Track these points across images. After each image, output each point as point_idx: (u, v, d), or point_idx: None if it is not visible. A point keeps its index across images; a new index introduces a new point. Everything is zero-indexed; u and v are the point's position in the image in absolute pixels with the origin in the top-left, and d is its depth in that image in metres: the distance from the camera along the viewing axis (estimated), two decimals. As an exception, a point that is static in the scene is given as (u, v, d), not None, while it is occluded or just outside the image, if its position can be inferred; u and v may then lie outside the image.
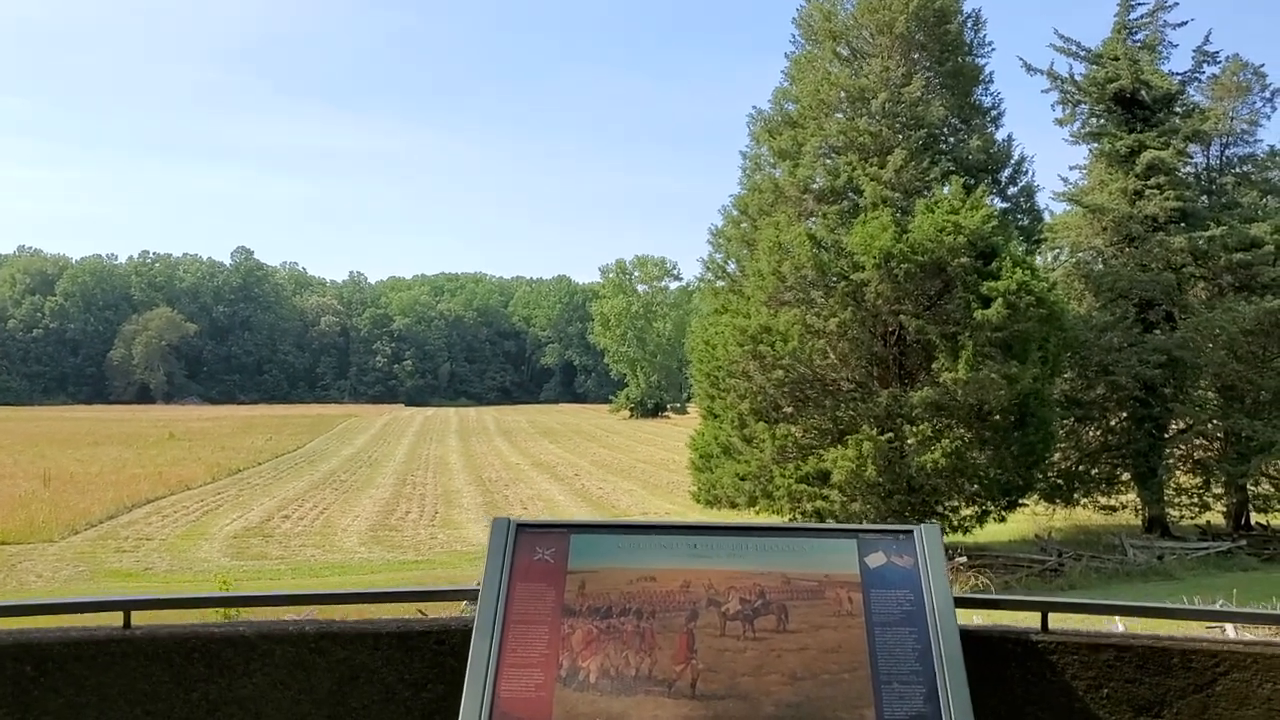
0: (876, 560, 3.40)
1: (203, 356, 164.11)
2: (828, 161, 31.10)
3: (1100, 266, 37.04)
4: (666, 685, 3.13)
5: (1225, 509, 36.75)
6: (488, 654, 3.17)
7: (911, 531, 3.48)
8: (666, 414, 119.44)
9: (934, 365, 29.00)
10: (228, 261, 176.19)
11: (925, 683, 3.11)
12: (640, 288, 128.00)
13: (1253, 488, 35.93)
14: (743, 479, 29.71)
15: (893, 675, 3.13)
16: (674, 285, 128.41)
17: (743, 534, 3.50)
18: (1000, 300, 27.58)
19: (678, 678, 3.15)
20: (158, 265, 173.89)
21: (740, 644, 3.21)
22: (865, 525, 3.54)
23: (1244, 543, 33.96)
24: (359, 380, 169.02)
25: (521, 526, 3.51)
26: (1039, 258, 34.15)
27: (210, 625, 3.44)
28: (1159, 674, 3.29)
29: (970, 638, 3.25)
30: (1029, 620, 3.50)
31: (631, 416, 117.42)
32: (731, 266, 33.16)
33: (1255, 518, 36.82)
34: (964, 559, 29.03)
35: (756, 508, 30.07)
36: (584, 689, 3.13)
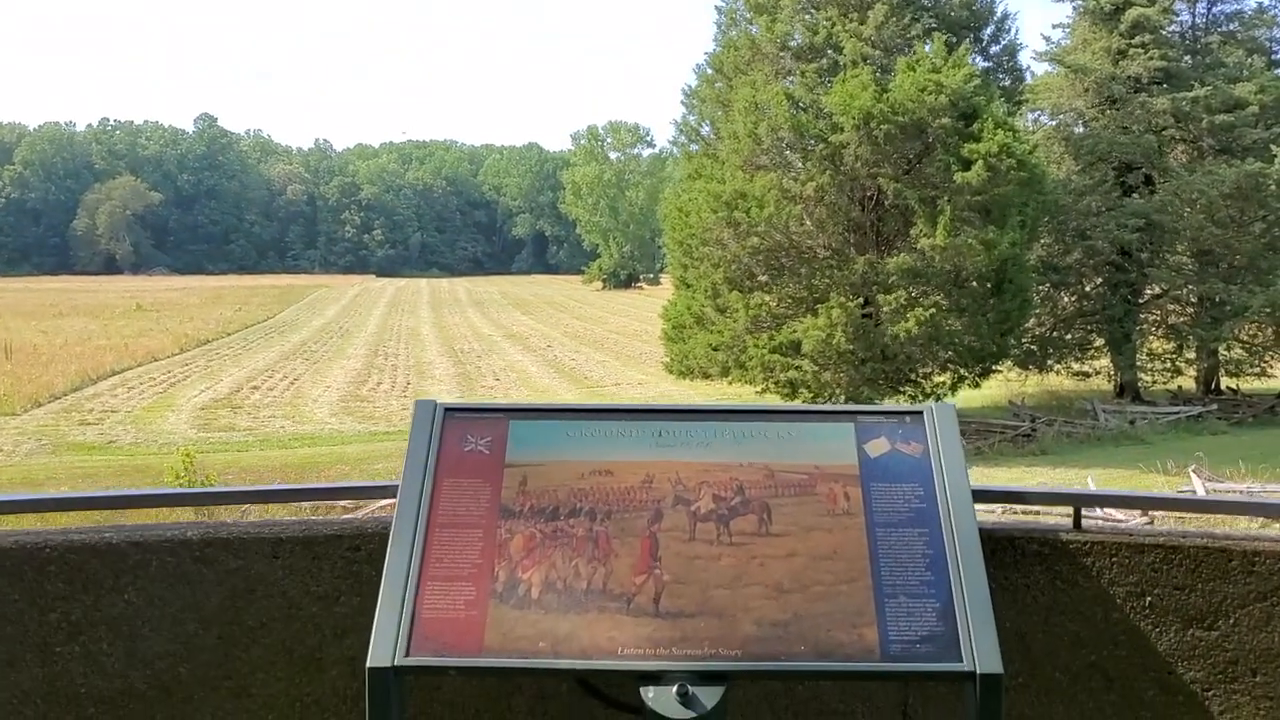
0: (878, 448, 2.82)
1: (169, 226, 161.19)
2: (806, 17, 29.88)
3: (1081, 129, 36.34)
4: (624, 600, 2.57)
5: (1196, 374, 36.95)
6: (407, 564, 2.60)
7: (921, 413, 2.89)
8: (639, 285, 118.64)
9: (912, 231, 28.40)
10: (190, 129, 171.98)
11: (938, 595, 2.56)
12: (613, 155, 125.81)
13: (1224, 353, 36.07)
14: (715, 349, 29.28)
15: (898, 587, 2.58)
16: (647, 153, 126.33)
17: (717, 418, 2.91)
18: (981, 163, 26.86)
19: (638, 591, 2.59)
20: (118, 133, 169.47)
21: (714, 550, 2.65)
22: (864, 406, 2.98)
23: (1214, 407, 34.20)
24: (328, 250, 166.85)
25: (450, 410, 2.90)
26: (1020, 120, 33.29)
27: (71, 531, 2.84)
28: (1214, 579, 2.76)
29: (987, 539, 2.69)
30: (1057, 516, 2.95)
31: (604, 288, 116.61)
32: (706, 129, 32.13)
33: (1225, 382, 37.05)
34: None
35: (729, 378, 29.73)
36: (524, 605, 2.56)
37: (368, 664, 2.46)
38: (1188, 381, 36.78)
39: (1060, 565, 2.85)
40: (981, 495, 2.79)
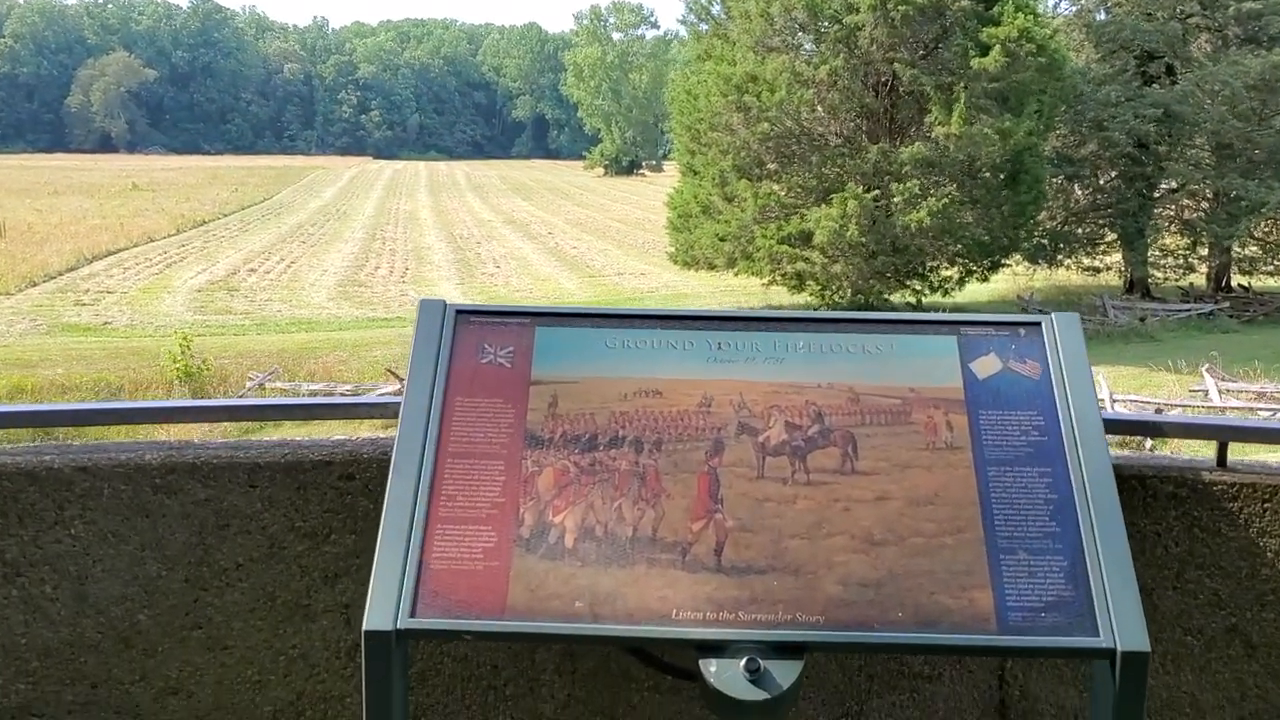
0: (987, 367, 2.31)
1: (164, 104, 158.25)
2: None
3: (1103, 15, 35.12)
4: (679, 552, 2.09)
5: (1208, 271, 36.37)
6: (411, 503, 2.11)
7: (1038, 324, 2.37)
8: (642, 171, 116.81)
9: (926, 119, 27.53)
10: (184, 3, 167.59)
11: (1065, 550, 2.08)
12: (616, 36, 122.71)
13: (1238, 249, 35.46)
14: (722, 239, 28.63)
15: (1016, 540, 2.10)
16: (651, 34, 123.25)
17: (789, 328, 2.38)
18: (999, 48, 25.91)
19: (695, 540, 2.10)
20: (111, 6, 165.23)
21: (788, 491, 2.16)
22: (970, 315, 2.45)
23: (1226, 305, 33.70)
24: (325, 131, 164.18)
25: (463, 313, 2.38)
26: (1040, 4, 32.07)
27: (5, 453, 2.34)
28: None
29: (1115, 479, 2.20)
30: (1197, 451, 2.47)
31: (606, 173, 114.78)
32: (717, 8, 30.91)
33: (1237, 280, 36.47)
34: (939, 313, 28.38)
35: (735, 269, 29.14)
36: (555, 556, 2.08)
37: (364, 626, 1.99)
38: (1199, 278, 36.22)
39: (1199, 510, 2.36)
40: (1111, 426, 2.29)
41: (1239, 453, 2.42)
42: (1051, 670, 2.44)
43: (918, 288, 29.65)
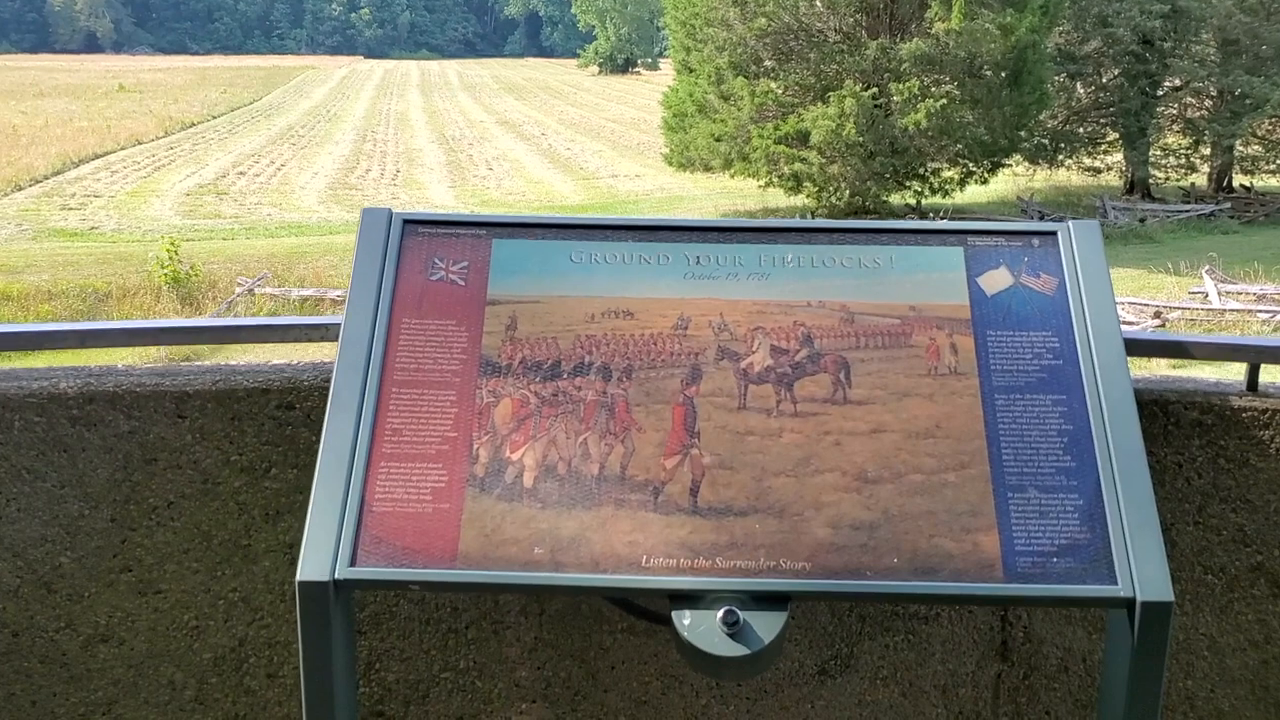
0: (997, 281, 2.07)
1: (150, 2, 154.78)
2: None
3: (1111, -95, 34.07)
4: (650, 492, 1.87)
5: (1210, 171, 35.90)
6: (351, 438, 1.88)
7: (1054, 233, 2.13)
8: (637, 70, 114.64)
9: (927, 14, 26.79)
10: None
11: (1081, 488, 1.86)
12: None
13: (1241, 148, 34.98)
14: (718, 140, 28.09)
15: (1026, 476, 1.88)
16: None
17: (775, 239, 2.13)
18: (1005, -62, 25.06)
19: (669, 479, 1.88)
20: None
21: (772, 423, 1.93)
22: (977, 223, 2.21)
23: (1227, 205, 33.29)
24: (315, 30, 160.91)
25: (411, 223, 2.13)
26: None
27: (-100, 383, 2.11)
28: None
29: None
30: (1223, 373, 2.25)
31: (600, 72, 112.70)
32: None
33: (1239, 180, 36.01)
34: (944, 222, 28.04)
35: (732, 171, 28.66)
36: (512, 497, 1.87)
37: (298, 576, 1.78)
38: (1200, 179, 35.76)
39: (1226, 439, 2.15)
40: (1132, 347, 2.06)
41: (1273, 376, 2.19)
42: (1059, 610, 2.25)
43: (917, 189, 29.19)
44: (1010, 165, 31.95)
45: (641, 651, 2.29)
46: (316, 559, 1.79)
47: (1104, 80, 35.10)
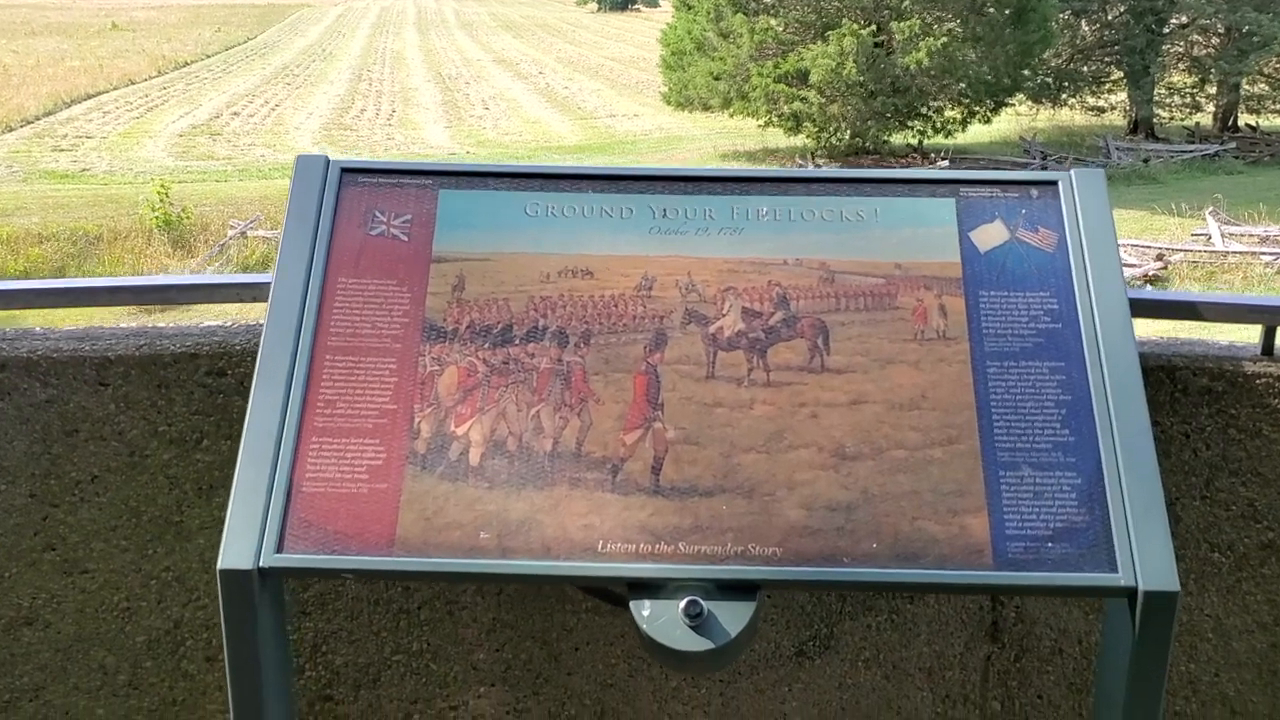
0: (992, 236, 1.89)
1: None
2: None
3: None
4: (608, 470, 1.71)
5: (1215, 110, 35.39)
6: (280, 411, 1.71)
7: (1055, 183, 1.94)
8: (637, 7, 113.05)
9: (930, -51, 26.25)
10: None
11: (1080, 466, 1.69)
12: None
13: (1247, 87, 34.41)
14: (717, 79, 27.62)
15: (1020, 453, 1.71)
16: None
17: (747, 189, 1.94)
18: None
19: (628, 455, 1.72)
20: None
21: (743, 394, 1.76)
22: (970, 172, 2.02)
23: (1232, 145, 32.87)
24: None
25: (350, 171, 1.94)
26: None
27: None
28: None
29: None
30: (1234, 335, 2.07)
31: (599, 10, 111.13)
32: None
33: (1244, 119, 35.51)
34: (945, 163, 27.74)
35: (731, 110, 28.22)
36: (457, 476, 1.70)
37: (219, 563, 1.62)
38: (1206, 119, 35.27)
39: (1237, 408, 1.98)
40: (1138, 307, 1.88)
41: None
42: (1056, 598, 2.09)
43: (919, 129, 28.76)
44: (1013, 105, 31.48)
45: (607, 632, 2.15)
46: (239, 545, 1.64)
47: (1109, 17, 34.51)
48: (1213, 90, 34.63)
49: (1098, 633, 2.10)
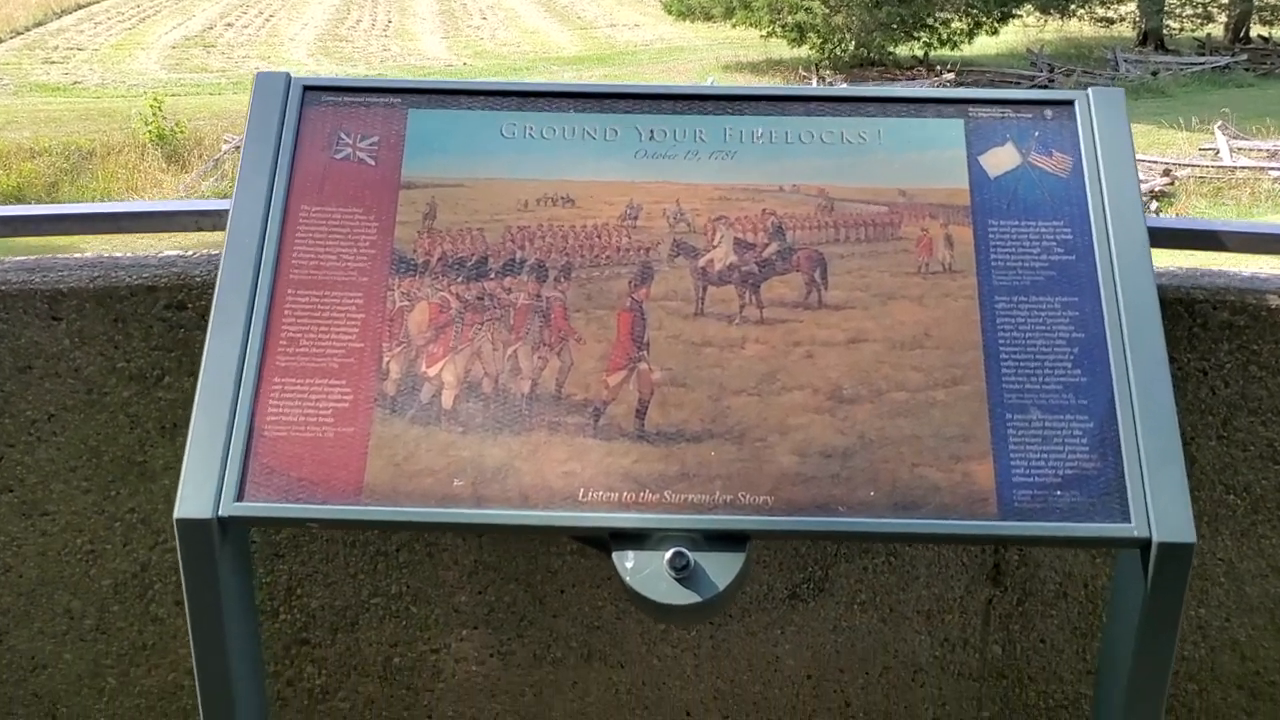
0: (1002, 160, 1.76)
1: None
2: None
3: None
4: (590, 413, 1.60)
5: (1227, 21, 34.73)
6: (239, 349, 1.61)
7: (1071, 103, 1.80)
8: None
9: None
10: None
11: (1091, 409, 1.59)
12: None
13: (1260, -3, 33.73)
14: (719, -14, 27.02)
15: (1029, 395, 1.61)
16: None
17: (745, 109, 1.81)
18: None
19: (611, 398, 1.61)
20: None
21: (734, 332, 1.65)
22: (980, 91, 1.89)
23: (1243, 57, 32.28)
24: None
25: (313, 90, 1.80)
26: None
27: None
28: None
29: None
30: (1251, 263, 1.95)
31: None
32: None
33: (1256, 31, 34.86)
34: (950, 75, 27.28)
35: (733, 20, 27.68)
36: (429, 420, 1.60)
37: (175, 512, 1.53)
38: (1217, 30, 34.63)
39: (1260, 343, 1.87)
40: (1157, 237, 1.76)
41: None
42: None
43: (925, 40, 28.24)
44: (1020, 16, 30.90)
45: (593, 574, 2.06)
46: (197, 493, 1.54)
47: (1122, -78, 33.75)
48: (1225, 0, 33.95)
49: (1105, 576, 2.02)
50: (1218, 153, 20.60)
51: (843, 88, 1.78)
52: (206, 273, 1.89)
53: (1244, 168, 19.29)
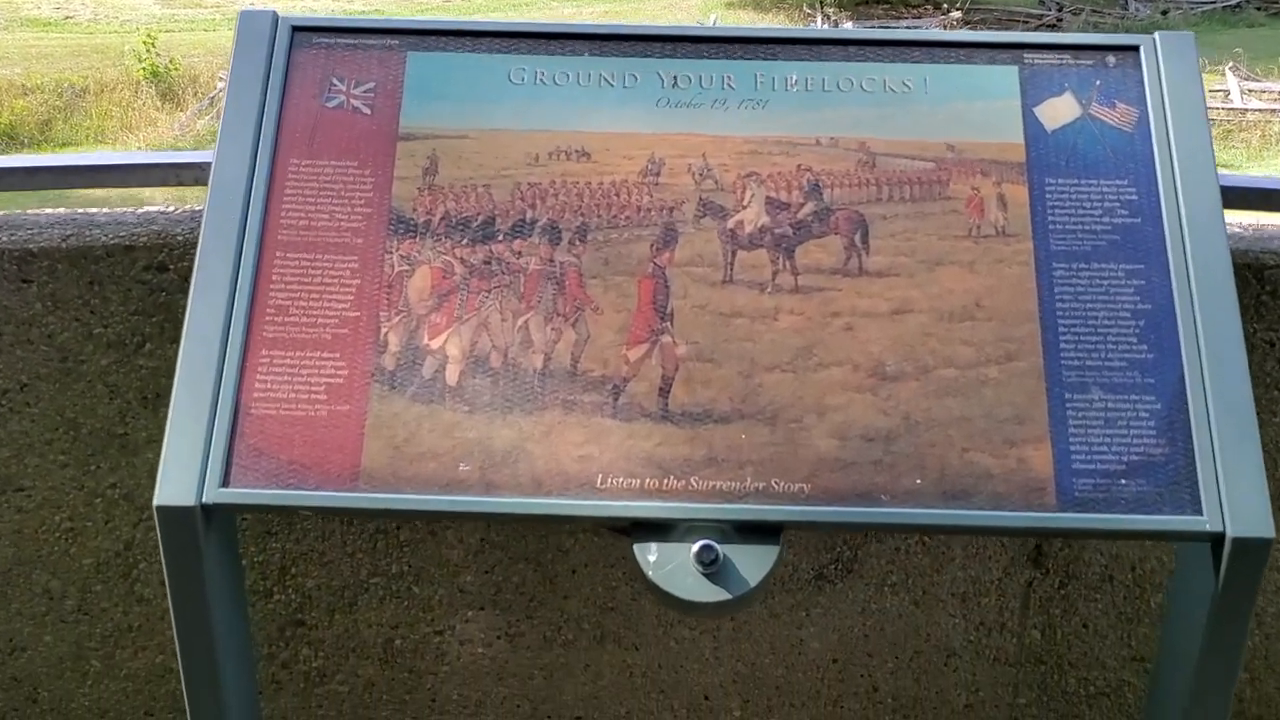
0: (1061, 112, 1.60)
1: None
2: None
3: None
4: (609, 391, 1.46)
5: (1240, -41, 34.05)
6: (223, 320, 1.46)
7: (1136, 48, 1.64)
8: None
9: None
10: None
11: (1159, 387, 1.45)
12: None
13: (1275, -66, 33.00)
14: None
15: (1090, 371, 1.46)
16: None
17: (778, 53, 1.64)
18: None
19: (632, 374, 1.47)
20: None
21: (767, 301, 1.50)
22: (1038, 36, 1.74)
23: (1256, -5, 31.72)
24: None
25: (302, 30, 1.64)
26: None
27: None
28: None
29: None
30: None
31: None
32: None
33: (1269, -31, 34.20)
34: (958, 14, 26.85)
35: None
36: (432, 397, 1.46)
37: (155, 499, 1.39)
38: (1230, -34, 33.97)
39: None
40: (1230, 197, 1.60)
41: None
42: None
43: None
44: (1029, -50, 30.30)
45: (608, 554, 1.93)
46: (179, 478, 1.40)
47: None
48: (1237, -63, 33.30)
49: (1153, 559, 1.89)
50: (1228, 94, 20.27)
51: (885, 29, 1.61)
52: (189, 231, 1.73)
53: (1255, 110, 19.00)
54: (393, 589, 1.95)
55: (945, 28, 24.41)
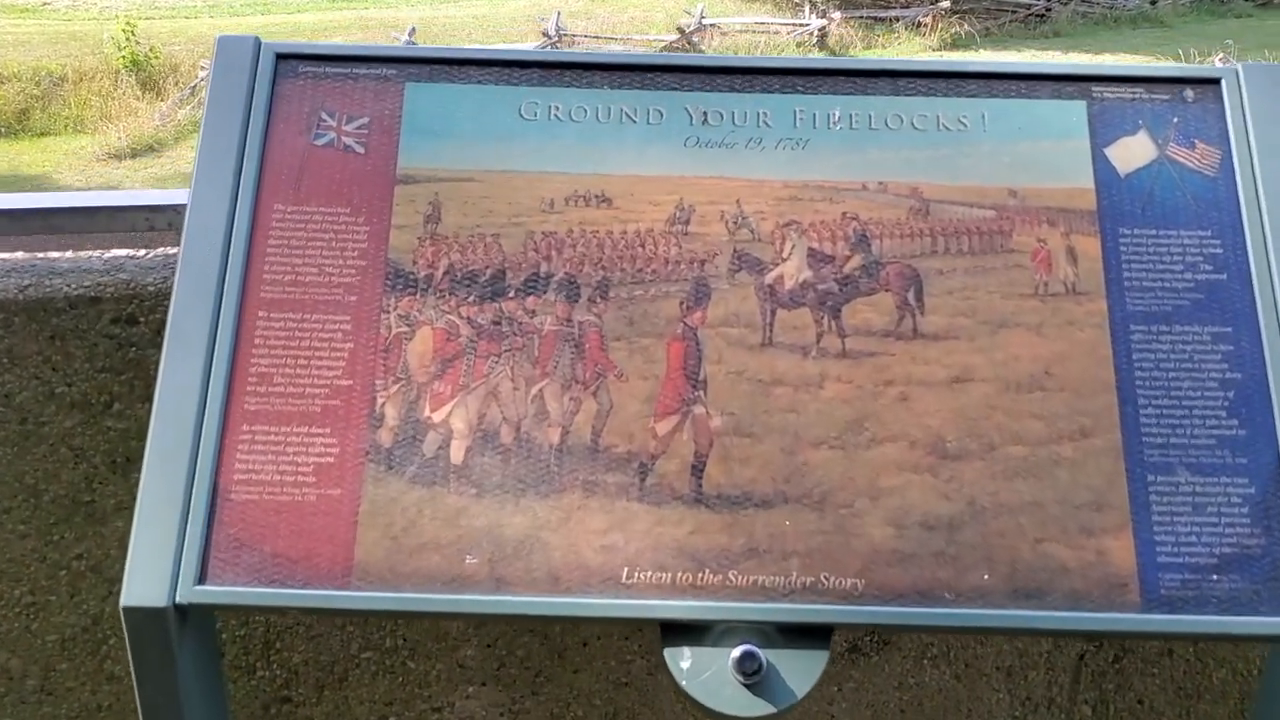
0: (1136, 154, 1.43)
1: None
2: None
3: None
4: (634, 470, 1.29)
5: (1228, -53, 33.99)
6: (199, 389, 1.29)
7: (1217, 81, 1.47)
8: None
9: None
10: None
11: (1253, 469, 1.29)
12: None
13: (1263, -77, 32.96)
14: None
15: (1175, 450, 1.30)
16: None
17: (820, 86, 1.47)
18: None
19: (660, 450, 1.30)
20: None
21: (811, 367, 1.34)
22: (1105, 67, 1.58)
23: (1243, -13, 31.65)
24: None
25: (286, 58, 1.46)
26: None
27: None
28: None
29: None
30: None
31: None
32: None
33: (1257, -41, 34.16)
34: (946, 2, 26.67)
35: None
36: (434, 479, 1.29)
37: (121, 600, 1.22)
38: (1218, -43, 33.92)
39: None
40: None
41: None
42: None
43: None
44: (1019, -59, 30.14)
45: (630, 645, 1.77)
46: (148, 575, 1.23)
47: None
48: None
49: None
50: None
51: (941, 59, 1.44)
52: (162, 279, 1.56)
53: (1245, 103, 18.92)
54: (386, 664, 1.78)
55: (934, 17, 24.25)
